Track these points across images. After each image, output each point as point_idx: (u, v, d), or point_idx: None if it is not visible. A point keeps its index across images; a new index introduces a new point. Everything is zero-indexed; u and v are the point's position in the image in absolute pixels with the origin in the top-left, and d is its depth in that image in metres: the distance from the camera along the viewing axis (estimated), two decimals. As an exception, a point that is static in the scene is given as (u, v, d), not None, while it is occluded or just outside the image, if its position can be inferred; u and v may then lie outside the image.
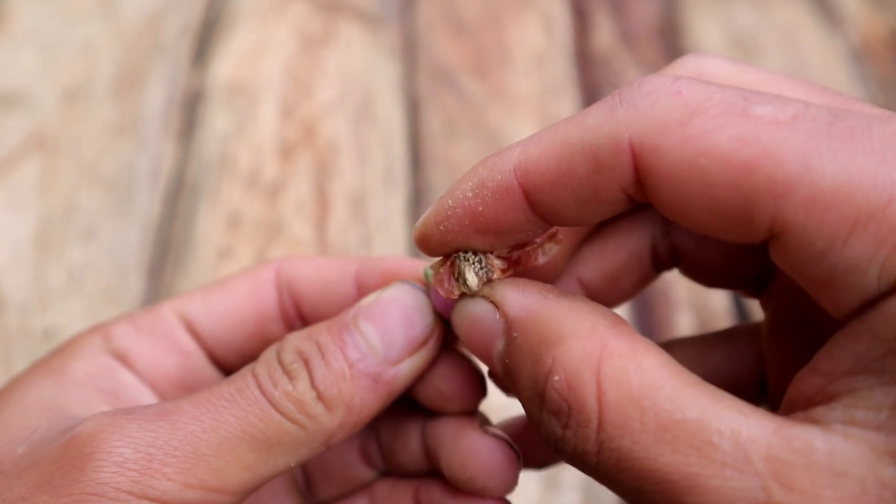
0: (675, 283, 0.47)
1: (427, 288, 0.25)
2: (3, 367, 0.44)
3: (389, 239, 0.49)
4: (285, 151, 0.53)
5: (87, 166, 0.53)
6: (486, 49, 0.59)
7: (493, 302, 0.21)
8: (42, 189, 0.51)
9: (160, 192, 0.51)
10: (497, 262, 0.22)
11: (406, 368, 0.24)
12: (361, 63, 0.58)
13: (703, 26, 0.60)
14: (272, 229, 0.49)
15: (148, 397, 0.26)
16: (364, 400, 0.23)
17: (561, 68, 0.58)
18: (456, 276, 0.23)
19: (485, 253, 0.22)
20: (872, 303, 0.17)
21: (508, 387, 0.21)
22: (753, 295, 0.26)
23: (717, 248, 0.25)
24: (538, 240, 0.23)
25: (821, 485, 0.16)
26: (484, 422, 0.26)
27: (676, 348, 0.27)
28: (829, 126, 0.17)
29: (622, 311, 0.45)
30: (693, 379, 0.18)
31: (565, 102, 0.56)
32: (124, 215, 0.50)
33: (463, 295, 0.23)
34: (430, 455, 0.26)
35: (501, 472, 0.24)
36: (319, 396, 0.23)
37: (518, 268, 0.23)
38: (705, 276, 0.26)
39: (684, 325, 0.46)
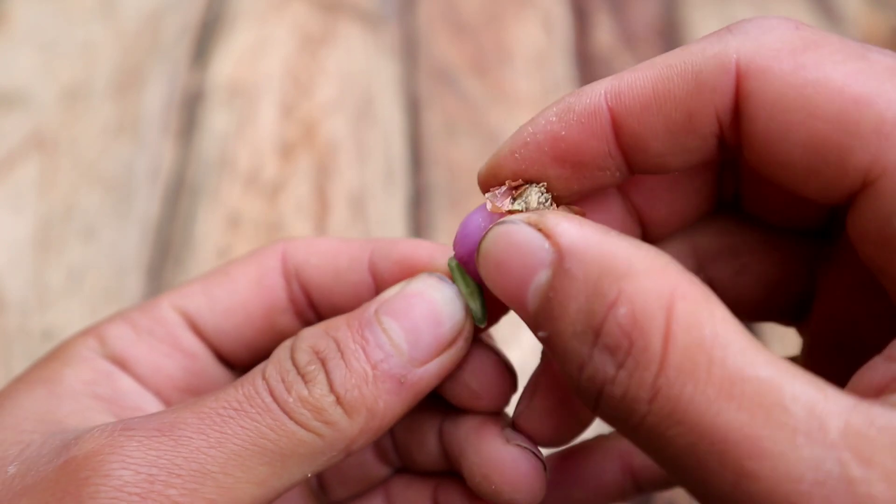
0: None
1: (452, 279, 0.23)
2: (2, 367, 0.44)
3: (389, 239, 0.49)
4: (285, 151, 0.53)
5: (86, 166, 0.53)
6: (486, 49, 0.59)
7: (541, 230, 0.19)
8: (42, 189, 0.51)
9: (160, 192, 0.51)
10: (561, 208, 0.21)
11: (433, 368, 0.22)
12: (361, 63, 0.58)
13: (704, 26, 0.60)
14: (272, 229, 0.49)
15: (151, 403, 0.24)
16: (388, 403, 0.21)
17: (561, 68, 0.58)
18: (516, 196, 0.21)
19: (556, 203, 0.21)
20: None
21: (540, 327, 0.19)
22: (791, 323, 0.24)
23: (755, 279, 0.23)
24: None
25: None
26: (506, 425, 0.24)
27: None
28: None
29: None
30: (761, 344, 0.17)
31: (565, 102, 0.56)
32: (124, 215, 0.50)
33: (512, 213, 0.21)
34: (448, 457, 0.25)
35: (528, 484, 0.23)
36: (339, 401, 0.21)
37: None
38: (743, 309, 0.24)
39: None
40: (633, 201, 0.23)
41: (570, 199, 0.22)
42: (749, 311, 0.24)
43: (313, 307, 0.26)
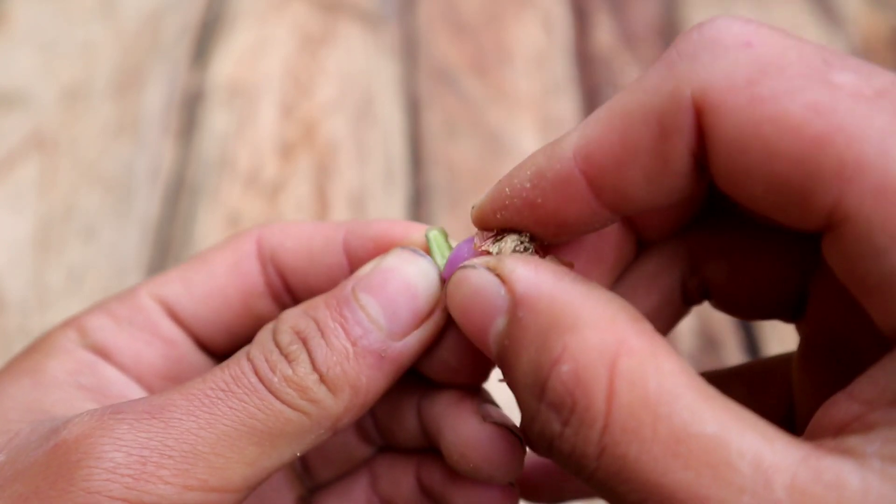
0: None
1: (429, 253, 0.23)
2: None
3: (389, 239, 0.49)
4: (285, 151, 0.53)
5: (86, 166, 0.53)
6: (486, 49, 0.59)
7: (499, 276, 0.19)
8: (42, 189, 0.51)
9: (160, 192, 0.51)
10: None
11: (413, 341, 0.22)
12: (361, 63, 0.58)
13: (704, 26, 0.60)
14: (272, 229, 0.49)
15: (134, 391, 0.24)
16: (370, 379, 0.21)
17: (561, 68, 0.58)
18: (497, 239, 0.21)
19: (539, 247, 0.21)
20: None
21: (503, 372, 0.20)
22: (790, 320, 0.24)
23: (750, 278, 0.23)
24: None
25: None
26: (484, 401, 0.24)
27: None
28: None
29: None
30: (713, 392, 0.16)
31: (565, 102, 0.56)
32: (124, 215, 0.50)
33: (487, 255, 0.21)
34: (428, 434, 0.25)
35: (506, 460, 0.23)
36: (322, 379, 0.21)
37: None
38: (739, 307, 0.24)
39: (685, 325, 0.46)
40: None
41: (559, 244, 0.22)
42: (745, 309, 0.24)
43: (289, 290, 0.26)
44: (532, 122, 0.55)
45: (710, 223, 0.23)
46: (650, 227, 0.23)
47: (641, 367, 0.16)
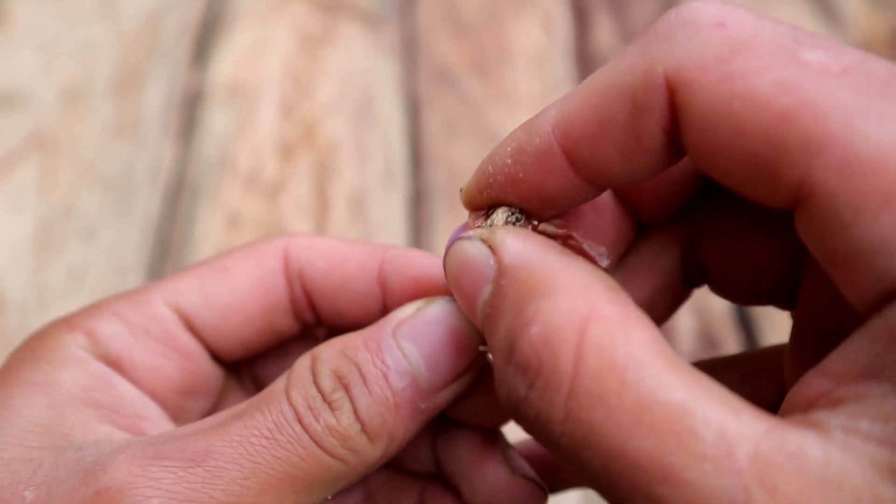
0: (675, 283, 0.47)
1: None
2: (2, 368, 0.44)
3: (389, 239, 0.49)
4: (285, 151, 0.53)
5: (86, 166, 0.53)
6: (486, 49, 0.59)
7: (490, 246, 0.19)
8: (42, 189, 0.51)
9: (160, 192, 0.51)
10: (550, 227, 0.21)
11: (449, 394, 0.22)
12: (361, 63, 0.58)
13: (704, 26, 0.60)
14: (272, 229, 0.49)
15: (150, 409, 0.24)
16: (407, 429, 0.21)
17: (561, 68, 0.58)
18: (488, 215, 0.21)
19: (531, 218, 0.21)
20: None
21: (487, 342, 0.20)
22: (787, 307, 0.24)
23: (744, 260, 0.23)
24: (580, 240, 0.21)
25: (809, 494, 0.14)
26: (504, 445, 0.24)
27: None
28: (886, 85, 0.15)
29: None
30: (683, 364, 0.16)
31: (565, 102, 0.56)
32: (124, 215, 0.50)
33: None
34: (444, 471, 0.25)
35: None
36: (363, 428, 0.21)
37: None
38: (734, 291, 0.24)
39: (685, 325, 0.46)
40: (620, 189, 0.23)
41: (548, 218, 0.22)
42: (741, 293, 0.23)
43: (313, 308, 0.26)
44: (532, 122, 0.55)
45: (708, 204, 0.23)
46: (648, 207, 0.23)
47: (611, 333, 0.16)
